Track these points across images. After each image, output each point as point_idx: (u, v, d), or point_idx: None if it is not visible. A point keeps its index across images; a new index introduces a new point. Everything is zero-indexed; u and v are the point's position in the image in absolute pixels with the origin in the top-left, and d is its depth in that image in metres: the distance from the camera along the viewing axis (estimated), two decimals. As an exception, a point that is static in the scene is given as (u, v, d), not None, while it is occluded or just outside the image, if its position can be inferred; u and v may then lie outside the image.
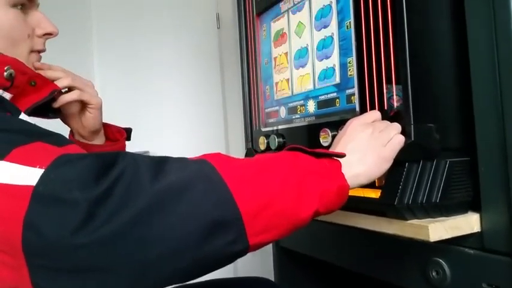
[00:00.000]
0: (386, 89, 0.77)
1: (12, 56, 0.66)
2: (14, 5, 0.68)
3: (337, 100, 0.90)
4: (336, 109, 0.91)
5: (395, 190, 0.73)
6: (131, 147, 1.80)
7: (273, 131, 1.13)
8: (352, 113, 0.85)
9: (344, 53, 0.88)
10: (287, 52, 1.07)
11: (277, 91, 1.13)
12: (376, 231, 0.79)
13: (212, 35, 1.97)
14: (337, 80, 0.90)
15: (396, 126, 0.71)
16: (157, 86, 1.88)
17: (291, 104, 1.07)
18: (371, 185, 0.85)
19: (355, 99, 0.84)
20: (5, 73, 0.63)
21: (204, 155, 0.55)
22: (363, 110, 0.82)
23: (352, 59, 0.84)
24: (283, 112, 1.11)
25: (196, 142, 1.87)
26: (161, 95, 1.87)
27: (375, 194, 0.81)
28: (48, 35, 0.75)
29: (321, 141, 0.90)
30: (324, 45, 0.94)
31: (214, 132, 1.92)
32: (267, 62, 1.16)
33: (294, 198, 0.55)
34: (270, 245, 1.26)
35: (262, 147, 1.16)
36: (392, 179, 0.75)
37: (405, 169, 0.73)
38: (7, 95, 0.65)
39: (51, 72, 0.78)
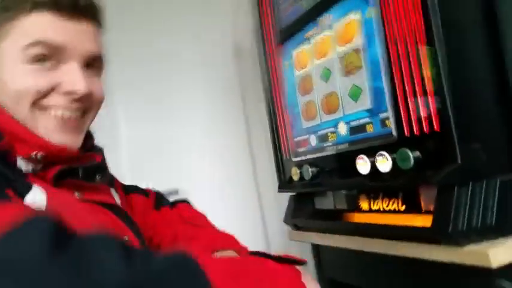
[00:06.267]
0: (423, 107, 0.74)
1: (13, 112, 0.61)
2: (32, 58, 0.61)
3: (371, 125, 0.88)
4: (370, 135, 0.88)
5: (447, 216, 0.69)
6: (161, 185, 1.80)
7: (305, 160, 1.11)
8: (389, 137, 0.82)
9: (373, 77, 0.85)
10: (311, 74, 1.06)
11: (304, 118, 1.11)
12: (427, 259, 0.75)
13: (230, 64, 1.97)
14: (368, 104, 0.87)
15: None
16: (180, 123, 1.87)
17: (320, 132, 1.05)
18: (416, 210, 0.82)
19: (391, 124, 0.82)
20: (33, 156, 0.61)
21: None
22: (401, 134, 0.79)
23: (383, 83, 0.82)
24: (313, 140, 1.08)
25: (223, 177, 1.87)
26: (185, 131, 1.87)
27: (422, 221, 0.77)
28: (71, 93, 0.63)
29: (358, 168, 0.87)
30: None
31: (241, 164, 1.90)
32: (292, 90, 1.15)
33: None
34: (315, 275, 1.22)
35: (296, 177, 1.13)
36: (442, 204, 0.71)
37: (455, 193, 0.70)
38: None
39: None
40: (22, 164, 0.62)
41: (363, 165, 0.86)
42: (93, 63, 0.69)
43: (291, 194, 1.22)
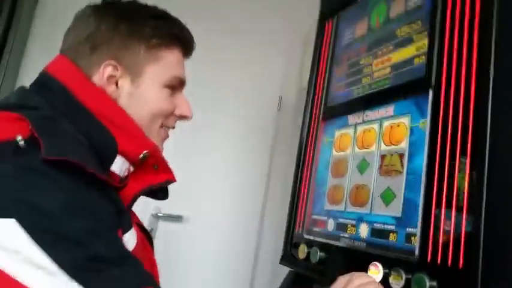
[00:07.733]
0: (453, 236, 0.70)
1: (145, 128, 0.71)
2: (167, 86, 0.73)
3: (395, 235, 0.83)
4: (390, 244, 0.84)
5: None
6: (167, 209, 1.78)
7: (316, 242, 1.06)
8: (410, 255, 0.77)
9: (410, 187, 0.82)
10: (348, 159, 1.03)
11: (329, 200, 1.08)
12: None
13: (272, 116, 1.98)
14: (399, 213, 0.84)
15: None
16: (204, 151, 1.88)
17: (341, 220, 1.01)
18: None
19: (416, 241, 0.77)
20: (141, 155, 0.68)
21: None
22: (423, 257, 0.74)
23: (420, 198, 0.78)
24: (331, 225, 1.04)
25: (229, 217, 1.85)
26: (204, 163, 1.87)
27: None
28: (184, 117, 0.78)
29: (369, 274, 0.82)
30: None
31: (250, 211, 1.89)
32: (324, 167, 1.12)
33: None
34: None
35: (302, 255, 1.09)
36: None
37: None
38: (131, 168, 0.70)
39: None
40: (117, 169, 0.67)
41: (374, 273, 0.81)
42: None
43: (290, 270, 1.17)
